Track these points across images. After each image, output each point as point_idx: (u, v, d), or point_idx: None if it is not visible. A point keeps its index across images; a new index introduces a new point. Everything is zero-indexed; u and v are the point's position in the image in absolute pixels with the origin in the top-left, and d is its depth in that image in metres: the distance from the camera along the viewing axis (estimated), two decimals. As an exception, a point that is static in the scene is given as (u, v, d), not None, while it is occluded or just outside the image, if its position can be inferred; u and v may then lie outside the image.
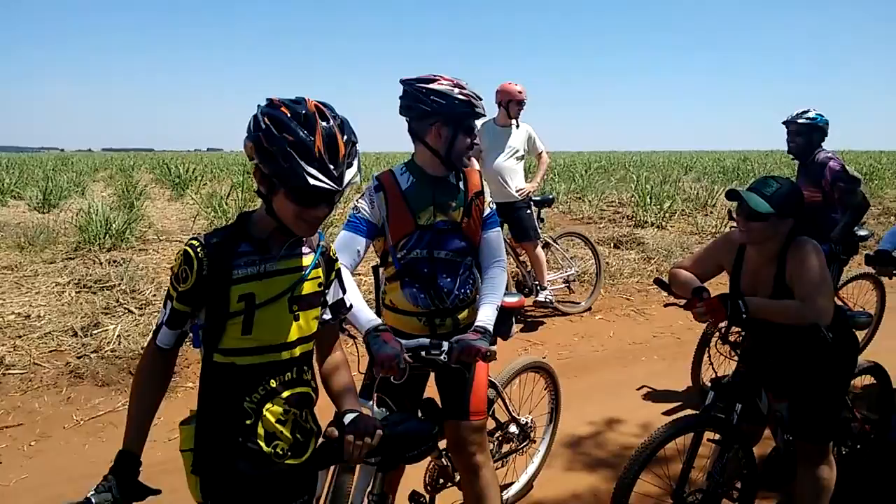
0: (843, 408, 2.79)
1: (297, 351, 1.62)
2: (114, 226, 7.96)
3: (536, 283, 5.80)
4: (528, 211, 5.66)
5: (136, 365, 4.08)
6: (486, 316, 2.23)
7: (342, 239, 2.21)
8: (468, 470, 2.34)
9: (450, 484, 2.61)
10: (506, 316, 2.60)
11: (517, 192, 5.56)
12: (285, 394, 1.60)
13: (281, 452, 1.58)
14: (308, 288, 1.63)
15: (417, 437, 1.74)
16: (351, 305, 1.87)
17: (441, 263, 2.28)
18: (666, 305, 2.73)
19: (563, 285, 6.21)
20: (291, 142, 1.42)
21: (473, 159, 5.70)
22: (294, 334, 1.60)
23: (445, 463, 2.55)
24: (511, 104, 5.51)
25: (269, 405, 1.57)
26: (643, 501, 2.47)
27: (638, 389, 4.36)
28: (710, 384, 2.49)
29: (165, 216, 11.24)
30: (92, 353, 4.59)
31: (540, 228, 5.85)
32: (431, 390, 2.40)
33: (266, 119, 1.44)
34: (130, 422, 1.54)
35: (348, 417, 1.60)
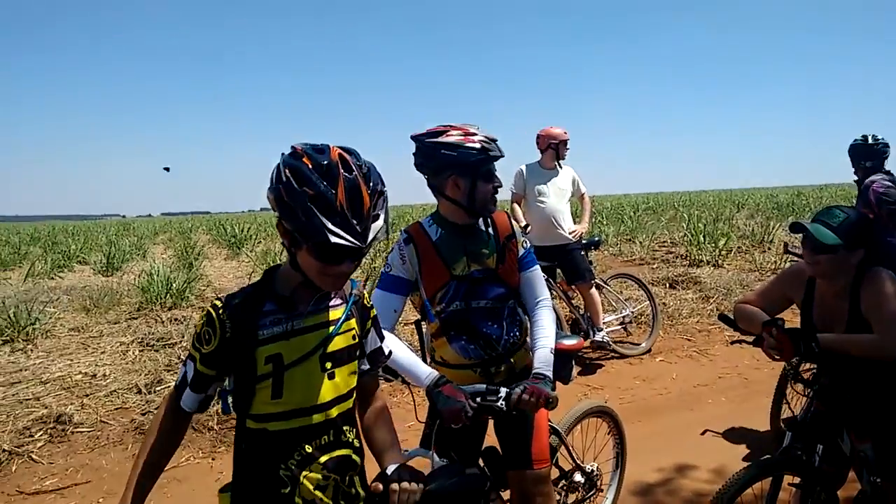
0: None
1: (334, 412, 1.54)
2: (174, 285, 8.20)
3: (592, 325, 5.69)
4: (582, 252, 5.64)
5: (197, 420, 4.14)
6: (542, 361, 2.18)
7: (375, 300, 2.15)
8: None
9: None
10: (565, 359, 2.53)
11: (570, 233, 5.56)
12: (323, 459, 1.52)
13: None
14: (341, 342, 1.55)
15: (467, 493, 1.64)
16: (390, 352, 1.80)
17: (482, 312, 2.23)
18: (733, 343, 2.63)
19: (620, 327, 6.08)
20: (312, 195, 1.34)
21: (515, 205, 5.74)
22: (328, 394, 1.52)
23: None
24: (560, 146, 5.60)
25: (306, 472, 1.49)
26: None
27: (706, 433, 4.16)
28: (784, 425, 2.36)
29: (223, 274, 11.55)
30: (156, 409, 4.66)
31: (591, 270, 5.78)
32: (492, 438, 2.34)
33: (287, 171, 1.37)
34: (133, 483, 1.45)
35: (391, 469, 1.52)
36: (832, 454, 2.33)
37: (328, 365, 1.52)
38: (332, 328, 1.54)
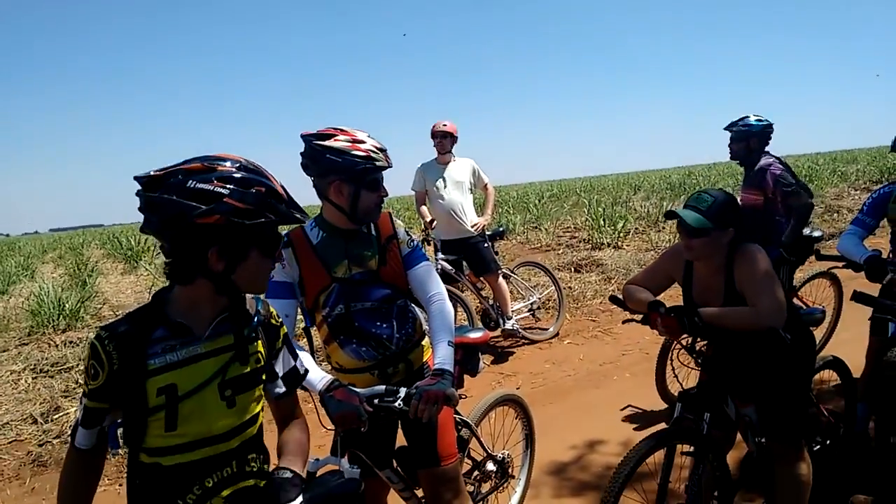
0: (809, 404, 2.84)
1: (235, 442, 1.46)
2: (67, 306, 7.72)
3: (501, 314, 5.82)
4: (486, 244, 5.71)
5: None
6: (442, 356, 2.13)
7: None
8: None
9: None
10: (472, 352, 2.58)
11: (472, 226, 5.61)
12: (225, 493, 1.44)
13: None
14: (244, 367, 1.47)
15: (340, 498, 1.63)
16: (306, 371, 1.74)
17: (368, 313, 2.21)
18: (625, 322, 2.76)
19: (528, 313, 6.24)
20: (265, 192, 1.39)
21: (421, 205, 5.76)
22: (229, 424, 1.44)
23: None
24: (444, 140, 5.60)
25: None
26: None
27: (614, 409, 4.37)
28: (677, 395, 2.50)
29: (120, 290, 10.96)
30: (54, 438, 4.41)
31: (496, 260, 5.87)
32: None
33: (221, 183, 1.34)
34: None
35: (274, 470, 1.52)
36: (719, 420, 2.47)
37: (227, 392, 1.44)
38: (235, 352, 1.46)
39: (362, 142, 2.12)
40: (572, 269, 8.98)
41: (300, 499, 1.44)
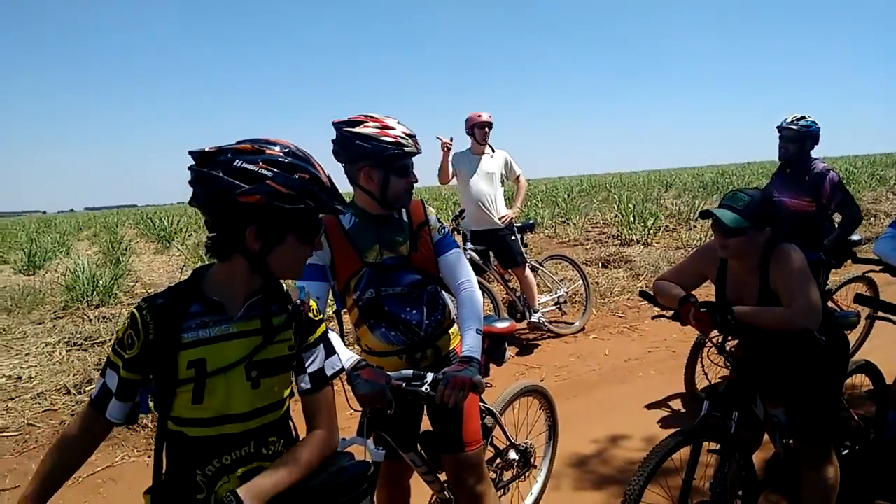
0: (840, 408, 2.80)
1: (255, 423, 1.48)
2: (101, 282, 7.92)
3: (527, 306, 5.82)
4: (514, 237, 5.70)
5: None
6: (470, 344, 2.13)
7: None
8: (470, 500, 2.29)
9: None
10: (498, 342, 2.58)
11: (500, 219, 5.61)
12: (240, 471, 1.46)
13: None
14: (274, 352, 1.49)
15: (349, 482, 1.58)
16: (333, 375, 1.67)
17: (399, 298, 2.23)
18: (654, 318, 2.74)
19: (555, 307, 6.23)
20: (308, 179, 1.42)
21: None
22: (250, 405, 1.46)
23: (448, 496, 2.49)
24: (476, 129, 5.59)
25: (222, 482, 1.44)
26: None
27: (638, 405, 4.35)
28: (703, 393, 2.48)
29: (152, 269, 11.20)
30: (86, 410, 4.54)
31: (525, 253, 5.88)
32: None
33: (267, 166, 1.38)
34: (39, 484, 1.41)
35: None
36: (747, 420, 2.46)
37: (254, 374, 1.46)
38: (266, 335, 1.48)
39: (391, 128, 2.13)
40: (600, 265, 8.93)
41: None
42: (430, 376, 2.07)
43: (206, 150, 1.41)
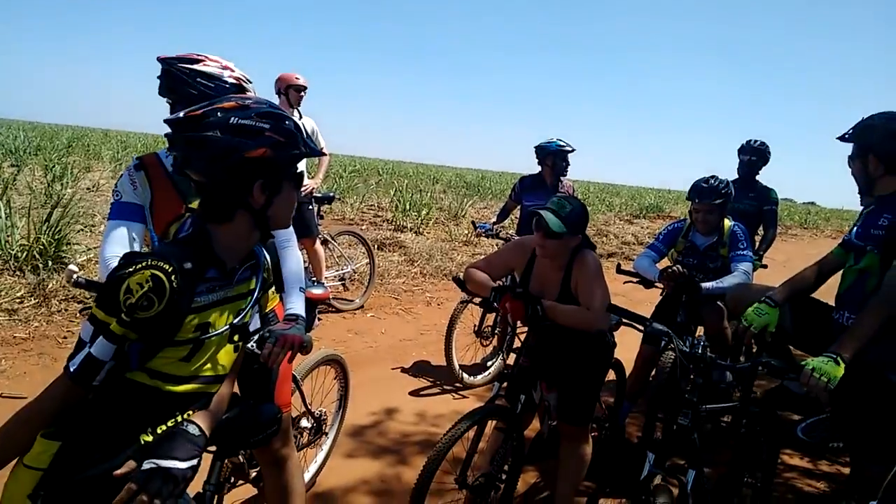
0: (598, 396, 3.27)
1: (216, 387, 1.49)
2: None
3: (314, 278, 5.80)
4: (310, 207, 5.66)
5: None
6: (294, 302, 2.10)
7: (110, 230, 1.96)
8: (273, 463, 2.27)
9: (240, 482, 2.51)
10: (310, 307, 2.56)
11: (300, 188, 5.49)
12: (161, 428, 1.40)
13: None
14: (251, 315, 1.54)
15: (260, 422, 1.58)
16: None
17: None
18: (461, 302, 2.95)
19: (339, 283, 6.31)
20: (293, 124, 1.44)
21: None
22: (227, 367, 1.49)
23: (241, 460, 2.42)
24: (290, 91, 5.47)
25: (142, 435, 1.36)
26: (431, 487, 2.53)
27: (410, 382, 4.63)
28: (463, 371, 2.67)
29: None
30: None
31: (319, 225, 5.87)
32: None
33: (259, 118, 1.38)
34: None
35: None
36: (530, 403, 2.76)
37: (236, 338, 1.49)
38: (249, 299, 1.50)
39: (233, 69, 2.07)
40: (376, 247, 9.15)
41: (192, 462, 1.32)
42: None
43: (186, 114, 1.36)
